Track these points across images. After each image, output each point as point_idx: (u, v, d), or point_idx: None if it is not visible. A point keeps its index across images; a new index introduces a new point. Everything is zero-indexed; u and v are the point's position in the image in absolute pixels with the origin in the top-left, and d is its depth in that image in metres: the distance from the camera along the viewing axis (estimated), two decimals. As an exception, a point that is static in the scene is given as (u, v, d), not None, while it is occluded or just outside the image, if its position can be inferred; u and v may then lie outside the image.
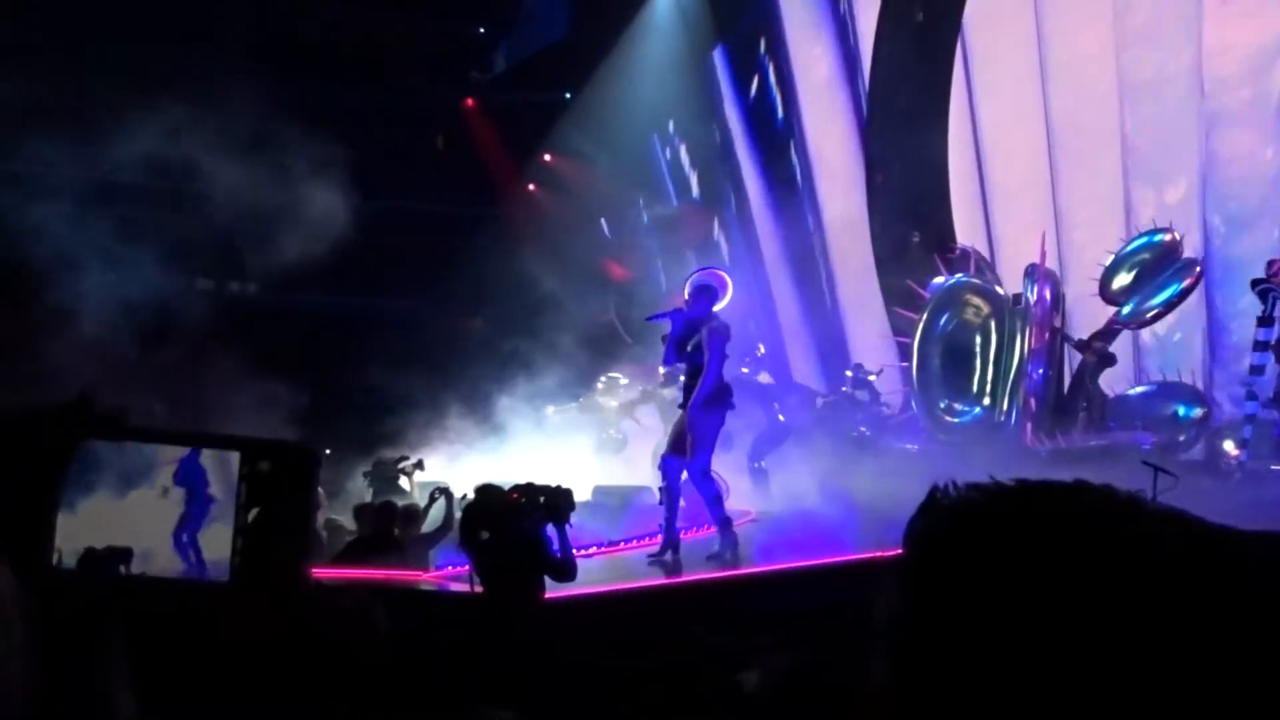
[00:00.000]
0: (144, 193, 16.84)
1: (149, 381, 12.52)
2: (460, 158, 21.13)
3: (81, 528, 1.20)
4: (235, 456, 1.12)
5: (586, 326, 17.82)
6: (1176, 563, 0.90)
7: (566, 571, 6.99)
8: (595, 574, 9.49)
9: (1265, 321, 12.98)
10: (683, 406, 10.24)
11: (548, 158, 22.08)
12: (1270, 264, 12.99)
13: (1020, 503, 0.95)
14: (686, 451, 10.05)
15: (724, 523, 10.17)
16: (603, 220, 22.06)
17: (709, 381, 9.95)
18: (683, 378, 10.37)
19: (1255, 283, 13.14)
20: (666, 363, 10.49)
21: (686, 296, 10.13)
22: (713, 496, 10.15)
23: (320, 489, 13.04)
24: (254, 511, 1.08)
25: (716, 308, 10.15)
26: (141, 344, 13.96)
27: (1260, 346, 13.04)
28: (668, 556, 10.14)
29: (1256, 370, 13.06)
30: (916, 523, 0.98)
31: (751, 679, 3.24)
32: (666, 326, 10.23)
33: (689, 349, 10.03)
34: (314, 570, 7.25)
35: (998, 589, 0.90)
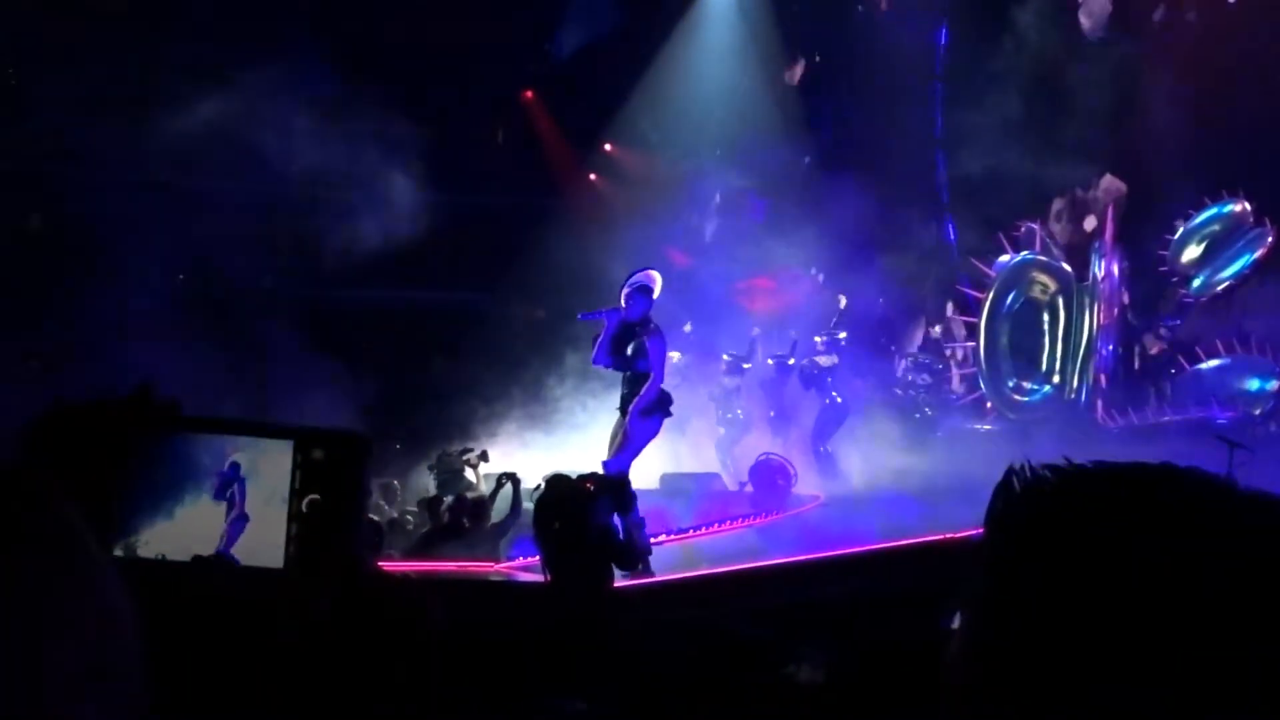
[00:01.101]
0: (208, 190, 17.01)
1: (216, 376, 12.69)
2: (520, 149, 21.16)
3: (179, 532, 1.21)
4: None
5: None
6: (1269, 546, 0.87)
7: (631, 560, 7.01)
8: (665, 561, 9.52)
9: None
10: (621, 410, 10.11)
11: (608, 147, 22.06)
12: None
13: (1098, 484, 0.93)
14: (614, 448, 9.89)
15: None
16: (664, 208, 22.01)
17: (652, 390, 9.84)
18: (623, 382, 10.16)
19: None
20: (597, 363, 10.31)
21: (623, 298, 9.97)
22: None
23: (396, 483, 13.20)
24: (308, 499, 1.09)
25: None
26: (208, 339, 14.11)
27: None
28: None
29: None
30: (993, 503, 0.96)
31: (804, 670, 3.22)
32: (600, 326, 10.11)
33: (628, 353, 9.90)
34: (384, 564, 7.31)
35: (1074, 569, 0.88)
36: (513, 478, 10.45)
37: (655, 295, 10.04)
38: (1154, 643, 0.85)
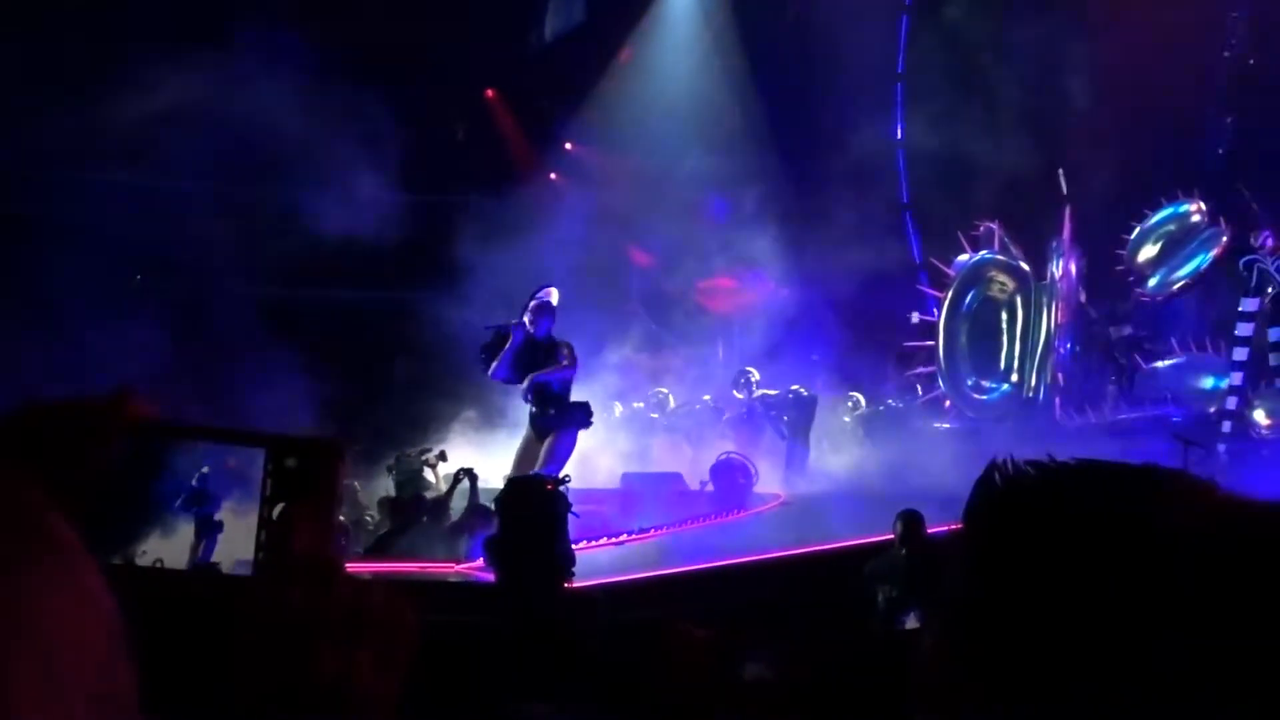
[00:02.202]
0: (165, 188, 16.89)
1: (180, 380, 12.59)
2: (481, 148, 21.10)
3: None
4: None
5: (611, 314, 17.77)
6: (1258, 549, 0.86)
7: (570, 561, 7.04)
8: (626, 561, 9.50)
9: (1250, 293, 13.13)
10: (535, 425, 10.17)
11: (569, 146, 22.02)
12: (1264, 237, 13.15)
13: (1085, 481, 0.92)
14: (537, 463, 9.87)
15: None
16: (624, 206, 22.00)
17: (567, 402, 10.02)
18: (532, 398, 10.21)
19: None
20: (497, 377, 10.36)
21: (530, 314, 10.04)
22: None
23: (356, 484, 13.12)
24: (279, 506, 1.08)
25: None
26: (171, 342, 14.00)
27: (1244, 317, 13.15)
28: None
29: (1242, 341, 13.20)
30: (973, 498, 0.94)
31: (759, 670, 3.21)
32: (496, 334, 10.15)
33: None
34: (345, 565, 7.23)
35: (1063, 567, 0.87)
36: (469, 473, 10.45)
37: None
38: (1146, 641, 0.83)
